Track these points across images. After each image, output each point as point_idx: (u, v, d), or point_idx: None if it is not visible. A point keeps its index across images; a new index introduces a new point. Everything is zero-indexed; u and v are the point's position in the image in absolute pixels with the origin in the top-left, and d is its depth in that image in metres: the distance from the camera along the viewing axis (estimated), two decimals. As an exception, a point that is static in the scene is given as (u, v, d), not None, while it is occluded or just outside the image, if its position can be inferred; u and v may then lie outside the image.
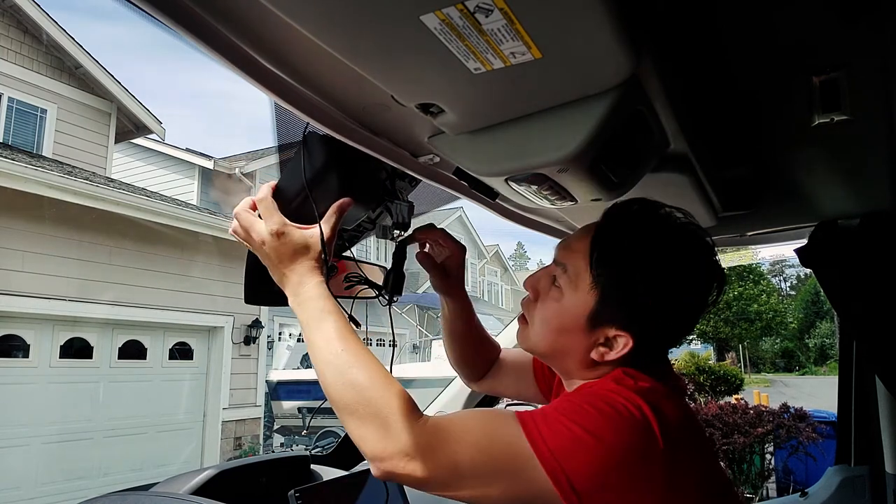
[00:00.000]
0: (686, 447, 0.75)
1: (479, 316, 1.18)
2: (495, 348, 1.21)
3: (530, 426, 0.69)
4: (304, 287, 0.82)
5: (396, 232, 1.06)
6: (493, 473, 0.70)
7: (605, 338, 0.79)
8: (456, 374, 1.24)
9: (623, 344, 0.78)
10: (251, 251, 0.88)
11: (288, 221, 0.84)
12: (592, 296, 0.79)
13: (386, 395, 0.73)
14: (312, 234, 0.84)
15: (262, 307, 7.98)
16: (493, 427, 0.72)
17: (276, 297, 0.89)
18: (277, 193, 0.87)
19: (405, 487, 1.33)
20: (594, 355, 0.80)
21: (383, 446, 0.71)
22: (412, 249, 1.11)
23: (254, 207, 0.86)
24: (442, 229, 1.11)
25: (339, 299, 0.85)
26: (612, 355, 0.79)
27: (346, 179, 0.90)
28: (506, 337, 1.74)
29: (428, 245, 1.13)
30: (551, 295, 0.84)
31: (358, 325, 0.93)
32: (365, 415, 0.73)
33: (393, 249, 1.08)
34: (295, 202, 0.87)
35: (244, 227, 0.85)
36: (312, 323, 0.80)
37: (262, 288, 0.92)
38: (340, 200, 0.86)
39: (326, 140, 0.87)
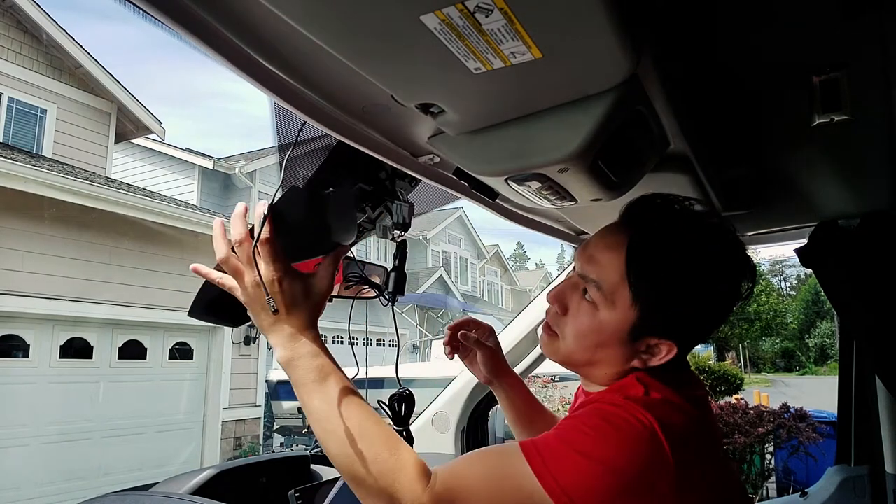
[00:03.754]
0: (699, 461, 0.73)
1: (478, 316, 1.19)
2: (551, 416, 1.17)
3: (536, 461, 0.68)
4: (299, 342, 0.76)
5: (397, 232, 1.06)
6: None
7: (647, 346, 0.78)
8: (456, 374, 1.23)
9: (667, 350, 0.77)
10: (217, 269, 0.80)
11: (290, 267, 0.77)
12: (634, 311, 0.77)
13: (395, 467, 0.71)
14: (315, 283, 0.79)
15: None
16: (501, 470, 0.71)
17: (230, 316, 0.83)
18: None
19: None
20: (636, 363, 0.79)
21: None
22: (417, 255, 1.11)
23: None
24: (473, 319, 1.11)
25: (339, 298, 0.84)
26: (656, 361, 0.78)
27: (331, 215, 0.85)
28: (506, 339, 1.74)
29: (461, 332, 1.10)
30: (583, 309, 0.81)
31: (379, 288, 0.94)
32: (374, 488, 0.71)
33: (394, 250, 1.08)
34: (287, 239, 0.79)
35: (242, 263, 0.76)
36: (310, 385, 0.75)
37: (217, 304, 0.84)
38: (337, 250, 0.84)
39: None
